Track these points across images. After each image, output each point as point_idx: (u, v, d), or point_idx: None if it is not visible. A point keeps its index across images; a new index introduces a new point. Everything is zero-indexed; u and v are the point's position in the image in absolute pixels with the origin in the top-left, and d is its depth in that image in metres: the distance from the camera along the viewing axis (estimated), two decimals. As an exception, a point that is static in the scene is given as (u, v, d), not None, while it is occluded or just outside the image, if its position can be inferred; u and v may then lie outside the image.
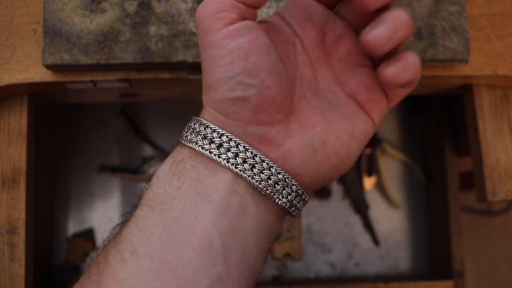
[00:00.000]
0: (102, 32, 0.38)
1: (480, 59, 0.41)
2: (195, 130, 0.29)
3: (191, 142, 0.28)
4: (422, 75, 0.41)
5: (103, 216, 0.63)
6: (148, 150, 0.65)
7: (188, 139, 0.29)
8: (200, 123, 0.29)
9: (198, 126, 0.29)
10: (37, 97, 0.43)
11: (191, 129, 0.29)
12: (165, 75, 0.40)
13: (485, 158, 0.43)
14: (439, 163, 0.63)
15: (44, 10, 0.38)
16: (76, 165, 0.64)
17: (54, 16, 0.38)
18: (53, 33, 0.37)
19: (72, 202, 0.63)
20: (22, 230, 0.40)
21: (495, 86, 0.44)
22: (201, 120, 0.29)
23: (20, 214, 0.41)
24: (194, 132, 0.29)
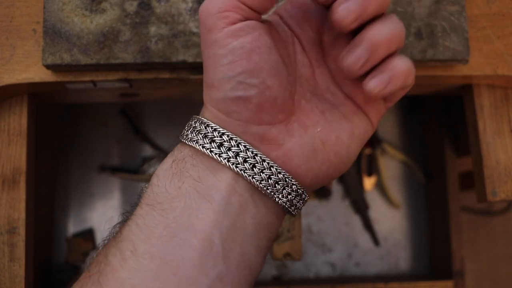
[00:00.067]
0: (102, 32, 0.38)
1: (480, 59, 0.41)
2: (195, 128, 0.29)
3: (192, 141, 0.28)
4: (422, 75, 0.41)
5: (103, 216, 0.63)
6: (148, 150, 0.65)
7: (188, 137, 0.29)
8: (201, 122, 0.29)
9: (199, 125, 0.29)
10: (37, 97, 0.43)
11: (192, 128, 0.29)
12: (165, 75, 0.40)
13: (485, 158, 0.43)
14: (439, 163, 0.63)
15: (44, 10, 0.38)
16: (76, 165, 0.64)
17: (54, 16, 0.38)
18: (53, 33, 0.37)
19: (72, 202, 0.63)
20: (22, 230, 0.40)
21: (495, 86, 0.44)
22: (201, 119, 0.29)
23: (20, 214, 0.41)
24: (194, 131, 0.28)
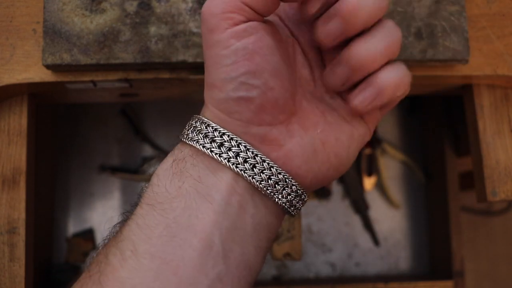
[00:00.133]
0: (102, 32, 0.38)
1: (480, 59, 0.41)
2: (196, 128, 0.29)
3: (192, 140, 0.28)
4: (422, 75, 0.41)
5: (103, 216, 0.63)
6: (148, 150, 0.65)
7: (189, 137, 0.29)
8: (201, 122, 0.28)
9: (199, 124, 0.28)
10: (37, 97, 0.43)
11: (193, 127, 0.29)
12: (165, 75, 0.40)
13: (485, 158, 0.43)
14: (439, 163, 0.63)
15: (44, 10, 0.38)
16: (76, 165, 0.64)
17: (54, 16, 0.38)
18: (53, 33, 0.37)
19: (72, 202, 0.63)
20: (22, 230, 0.40)
21: (495, 86, 0.44)
22: (202, 118, 0.29)
23: (20, 214, 0.41)
24: (195, 131, 0.28)
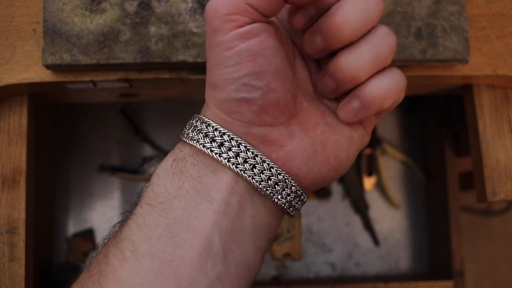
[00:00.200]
0: (102, 32, 0.38)
1: (480, 59, 0.41)
2: (196, 127, 0.28)
3: (193, 140, 0.28)
4: (422, 75, 0.41)
5: (103, 216, 0.63)
6: (148, 150, 0.65)
7: (189, 136, 0.29)
8: (202, 121, 0.28)
9: (200, 124, 0.28)
10: (37, 97, 0.43)
11: (193, 127, 0.29)
12: (165, 75, 0.40)
13: (485, 158, 0.43)
14: (439, 163, 0.63)
15: (44, 10, 0.38)
16: (76, 165, 0.64)
17: (54, 16, 0.38)
18: (53, 33, 0.37)
19: (72, 202, 0.63)
20: (22, 230, 0.40)
21: (495, 86, 0.44)
22: (203, 118, 0.29)
23: (20, 214, 0.41)
24: (195, 130, 0.28)
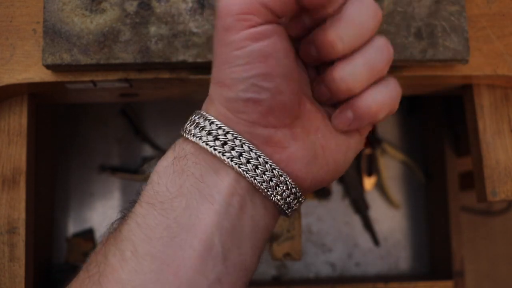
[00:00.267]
0: (102, 32, 0.38)
1: (480, 59, 0.41)
2: (199, 124, 0.28)
3: (195, 136, 0.28)
4: (422, 75, 0.41)
5: (103, 216, 0.63)
6: (148, 150, 0.65)
7: (191, 133, 0.28)
8: (205, 118, 0.28)
9: (202, 121, 0.28)
10: (37, 97, 0.43)
11: (195, 124, 0.28)
12: (165, 75, 0.40)
13: (485, 158, 0.43)
14: (439, 163, 0.63)
15: (44, 10, 0.38)
16: (76, 165, 0.64)
17: (54, 16, 0.38)
18: (53, 33, 0.37)
19: (72, 202, 0.63)
20: (22, 230, 0.40)
21: (495, 86, 0.44)
22: (206, 115, 0.28)
23: (20, 214, 0.41)
24: (198, 127, 0.28)
